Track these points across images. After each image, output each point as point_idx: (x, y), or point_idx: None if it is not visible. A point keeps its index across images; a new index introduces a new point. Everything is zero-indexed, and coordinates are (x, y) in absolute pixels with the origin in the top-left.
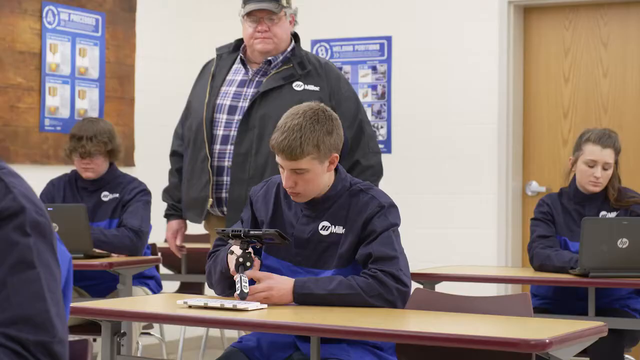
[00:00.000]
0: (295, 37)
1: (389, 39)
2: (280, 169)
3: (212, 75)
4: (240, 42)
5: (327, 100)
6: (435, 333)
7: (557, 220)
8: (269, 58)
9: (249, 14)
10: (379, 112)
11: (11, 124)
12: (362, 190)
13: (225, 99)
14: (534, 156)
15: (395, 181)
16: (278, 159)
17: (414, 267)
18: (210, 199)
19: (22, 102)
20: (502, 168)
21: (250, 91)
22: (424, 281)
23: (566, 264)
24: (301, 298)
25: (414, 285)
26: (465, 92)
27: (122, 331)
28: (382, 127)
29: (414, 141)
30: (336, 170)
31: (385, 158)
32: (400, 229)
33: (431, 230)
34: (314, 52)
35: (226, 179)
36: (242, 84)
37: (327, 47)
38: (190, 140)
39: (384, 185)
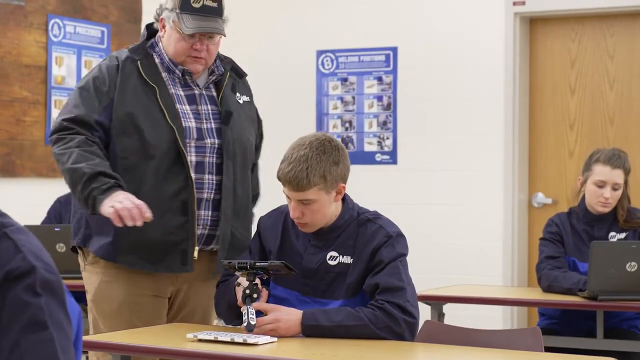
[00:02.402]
0: None
1: (394, 49)
2: (287, 200)
3: (156, 89)
4: (145, 42)
5: (255, 112)
6: None
7: (566, 241)
8: (212, 67)
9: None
10: (384, 123)
11: (17, 138)
12: (370, 220)
13: (189, 121)
14: (540, 168)
15: (400, 192)
16: (285, 189)
17: (420, 279)
18: (197, 247)
19: (28, 115)
20: (508, 179)
21: (206, 109)
22: (432, 302)
23: (575, 285)
24: (309, 330)
25: (422, 307)
26: (471, 103)
27: None
28: (387, 138)
29: (420, 152)
30: (343, 199)
31: (390, 169)
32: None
33: (437, 242)
34: (319, 63)
35: (205, 213)
36: (191, 99)
37: (333, 57)
38: (145, 167)
39: (390, 196)
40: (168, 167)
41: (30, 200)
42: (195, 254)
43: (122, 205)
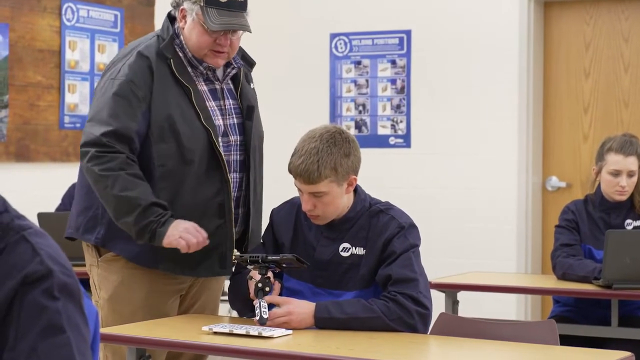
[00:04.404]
0: None
1: (408, 32)
2: (299, 192)
3: (190, 90)
4: (172, 38)
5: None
6: None
7: (582, 228)
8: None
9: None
10: (398, 107)
11: (31, 123)
12: (382, 211)
13: (217, 119)
14: (554, 151)
15: (414, 176)
16: (296, 182)
17: (433, 263)
18: (236, 251)
19: (41, 100)
20: (522, 163)
21: (229, 103)
22: (446, 290)
23: (589, 273)
24: (322, 322)
25: (436, 294)
26: (485, 87)
27: (147, 354)
28: (401, 122)
29: (433, 136)
30: (355, 191)
31: (404, 152)
32: (418, 223)
33: (450, 225)
34: (332, 46)
35: (235, 211)
36: (214, 95)
37: (346, 40)
38: (183, 172)
39: (403, 180)
40: (206, 169)
41: (44, 184)
42: (233, 257)
43: (187, 233)
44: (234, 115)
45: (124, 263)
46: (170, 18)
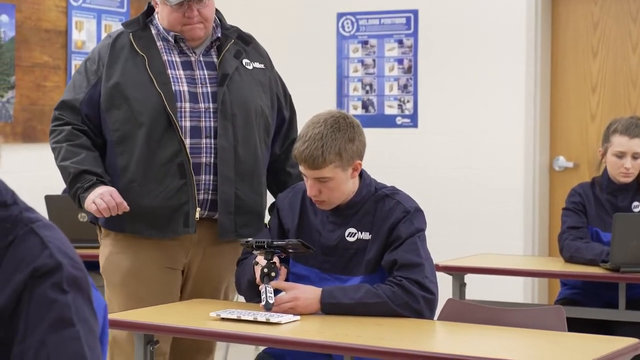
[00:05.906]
0: None
1: (415, 12)
2: (304, 178)
3: (145, 57)
4: (145, 15)
5: (271, 79)
6: (466, 356)
7: (589, 211)
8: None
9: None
10: (405, 87)
11: (38, 103)
12: (388, 196)
13: (181, 85)
14: (562, 131)
15: (420, 156)
16: (301, 168)
17: (440, 243)
18: (199, 209)
19: (48, 80)
20: (529, 143)
21: (202, 74)
22: (453, 273)
23: (597, 256)
24: (328, 307)
25: (443, 276)
26: (492, 66)
27: (155, 339)
28: (408, 102)
29: (440, 115)
30: (360, 176)
31: (411, 132)
32: (424, 204)
33: (457, 205)
34: (339, 25)
35: (206, 177)
36: (186, 65)
37: (353, 20)
38: (137, 135)
39: (410, 159)
40: (161, 132)
41: (51, 165)
42: (197, 215)
43: (100, 199)
44: (208, 84)
45: (113, 236)
46: (150, 7)
